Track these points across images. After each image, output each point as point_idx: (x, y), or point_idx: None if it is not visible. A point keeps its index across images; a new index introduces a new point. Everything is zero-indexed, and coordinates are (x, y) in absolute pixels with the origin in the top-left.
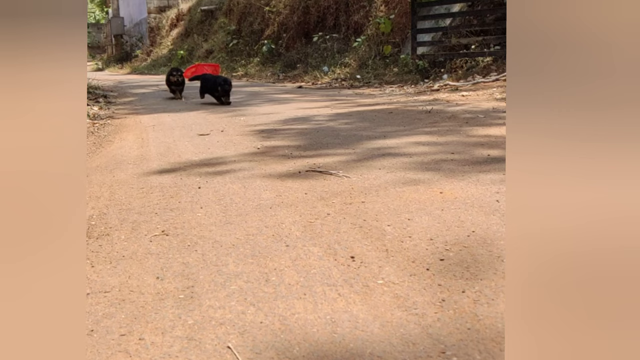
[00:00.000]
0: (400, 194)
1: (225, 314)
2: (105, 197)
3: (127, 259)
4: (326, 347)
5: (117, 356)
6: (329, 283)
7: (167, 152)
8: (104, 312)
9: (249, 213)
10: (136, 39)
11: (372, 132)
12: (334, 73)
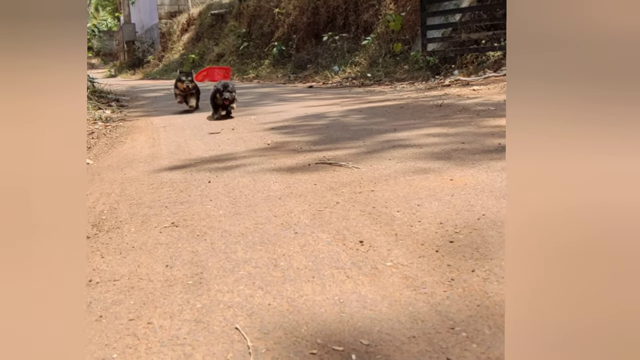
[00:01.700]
0: (410, 182)
1: (233, 298)
2: (116, 193)
3: (136, 249)
4: (334, 326)
5: (125, 340)
6: (337, 266)
7: (177, 150)
8: (113, 299)
9: (258, 204)
10: (148, 44)
11: (382, 126)
12: (344, 72)
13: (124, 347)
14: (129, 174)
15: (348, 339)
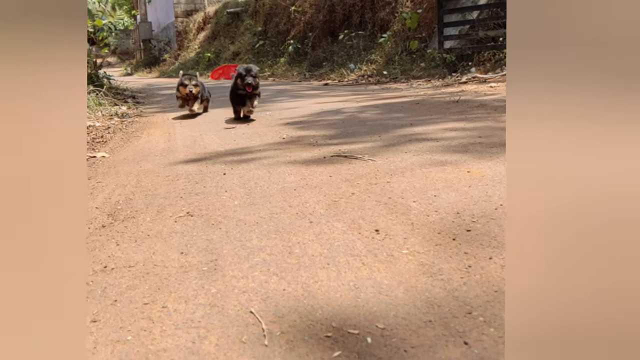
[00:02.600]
0: (426, 174)
1: (248, 283)
2: (132, 184)
3: (151, 237)
4: (349, 310)
5: (140, 323)
6: (352, 254)
7: (193, 144)
8: (127, 284)
9: (273, 195)
10: (164, 43)
11: (398, 121)
12: (360, 70)
13: (139, 330)
14: (144, 166)
15: (364, 323)
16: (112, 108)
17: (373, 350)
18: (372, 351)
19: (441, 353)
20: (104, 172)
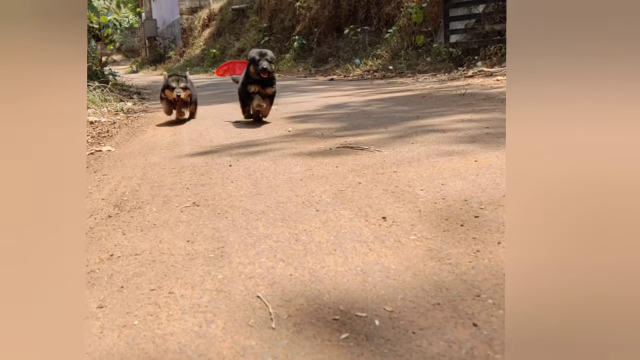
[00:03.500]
0: (433, 164)
1: (254, 269)
2: (138, 176)
3: (158, 226)
4: (357, 294)
5: (146, 308)
6: (359, 240)
7: (198, 138)
8: (134, 271)
9: (279, 185)
10: (169, 40)
11: (404, 113)
12: (365, 65)
13: (145, 315)
14: (150, 159)
15: (371, 306)
16: (118, 104)
17: (381, 332)
18: (380, 333)
19: (450, 334)
20: (109, 165)
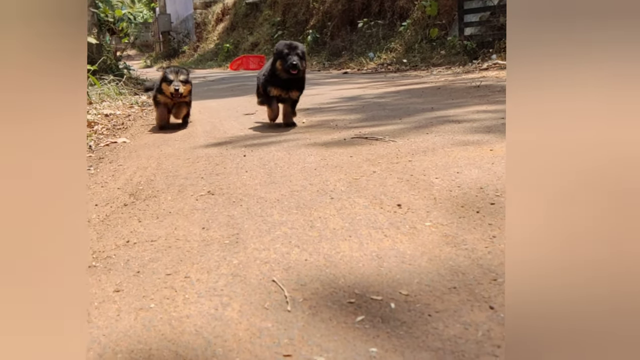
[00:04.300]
0: (448, 153)
1: (269, 255)
2: (153, 167)
3: (173, 214)
4: (372, 278)
5: (162, 292)
6: (374, 227)
7: (213, 130)
8: (150, 257)
9: (293, 174)
10: (183, 35)
11: (419, 105)
12: (379, 59)
13: (162, 298)
14: (165, 150)
15: (387, 290)
16: (132, 97)
17: (397, 315)
18: (396, 316)
19: (466, 317)
20: (125, 156)
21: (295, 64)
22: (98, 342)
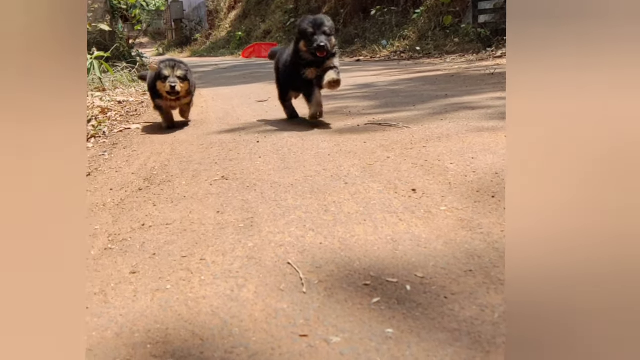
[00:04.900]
0: (463, 139)
1: (284, 238)
2: (167, 152)
3: (188, 198)
4: (387, 261)
5: (178, 273)
6: (389, 211)
7: (226, 116)
8: (165, 240)
9: (307, 160)
10: (195, 22)
11: (433, 92)
12: (392, 46)
13: (178, 280)
14: (178, 136)
15: (402, 272)
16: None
17: (413, 297)
18: (412, 297)
19: (482, 299)
20: (138, 142)
21: (323, 45)
22: (115, 321)
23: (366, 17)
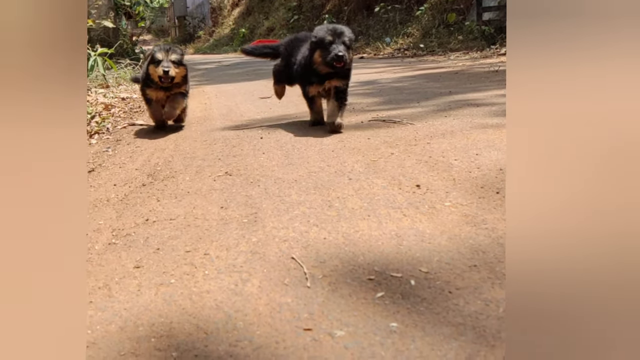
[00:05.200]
0: (467, 136)
1: (288, 233)
2: (171, 148)
3: (191, 194)
4: (392, 256)
5: (182, 268)
6: (393, 206)
7: (229, 113)
8: (169, 234)
9: (310, 156)
10: (198, 20)
11: (437, 89)
12: (396, 44)
13: (182, 274)
14: (182, 132)
15: (406, 267)
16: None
17: (417, 292)
18: (416, 292)
19: (487, 294)
20: (142, 138)
21: (342, 55)
22: (119, 315)
23: (370, 14)
